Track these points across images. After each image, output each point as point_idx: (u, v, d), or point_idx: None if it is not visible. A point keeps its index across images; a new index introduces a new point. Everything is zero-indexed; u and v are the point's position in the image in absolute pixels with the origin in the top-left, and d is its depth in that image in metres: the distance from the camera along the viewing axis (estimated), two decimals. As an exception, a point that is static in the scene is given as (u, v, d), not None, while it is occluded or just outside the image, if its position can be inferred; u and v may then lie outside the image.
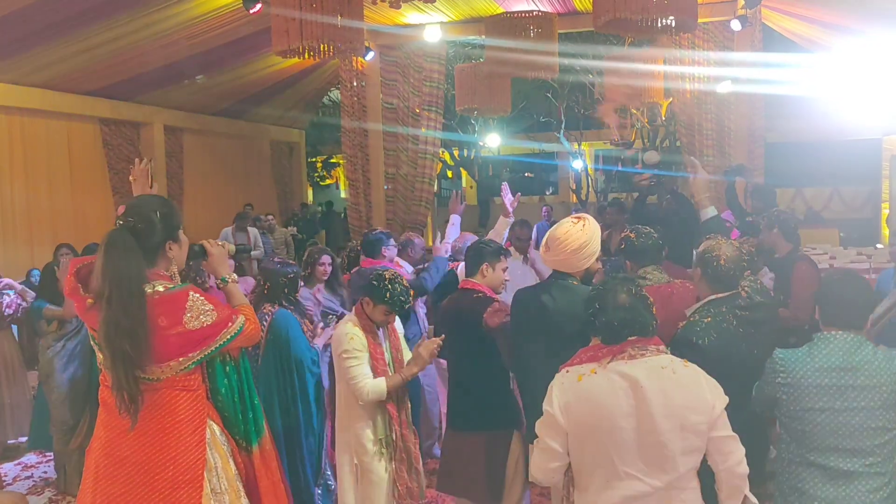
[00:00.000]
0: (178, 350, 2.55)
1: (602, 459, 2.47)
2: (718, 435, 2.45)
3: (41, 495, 5.51)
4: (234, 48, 9.69)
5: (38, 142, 9.54)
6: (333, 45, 5.88)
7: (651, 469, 2.42)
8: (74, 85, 9.59)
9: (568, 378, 2.55)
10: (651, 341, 2.53)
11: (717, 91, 8.77)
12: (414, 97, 9.80)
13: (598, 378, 2.48)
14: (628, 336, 2.52)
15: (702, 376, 2.49)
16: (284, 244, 11.69)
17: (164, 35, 8.61)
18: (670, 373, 2.45)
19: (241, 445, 2.81)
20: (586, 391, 2.49)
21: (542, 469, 2.63)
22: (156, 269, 2.63)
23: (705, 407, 2.42)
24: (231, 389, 2.79)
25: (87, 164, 10.41)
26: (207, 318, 2.59)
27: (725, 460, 2.46)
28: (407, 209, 9.93)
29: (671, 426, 2.40)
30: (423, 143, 9.79)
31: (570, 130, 18.01)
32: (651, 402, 2.41)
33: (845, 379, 2.69)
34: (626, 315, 2.52)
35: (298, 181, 16.65)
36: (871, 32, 7.93)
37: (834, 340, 2.75)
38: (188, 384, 2.64)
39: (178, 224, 2.72)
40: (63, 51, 8.40)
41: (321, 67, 11.94)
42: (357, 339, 3.66)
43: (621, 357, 2.49)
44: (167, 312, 2.53)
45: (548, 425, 2.57)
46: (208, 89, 11.43)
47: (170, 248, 2.68)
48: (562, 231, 3.37)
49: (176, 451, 2.56)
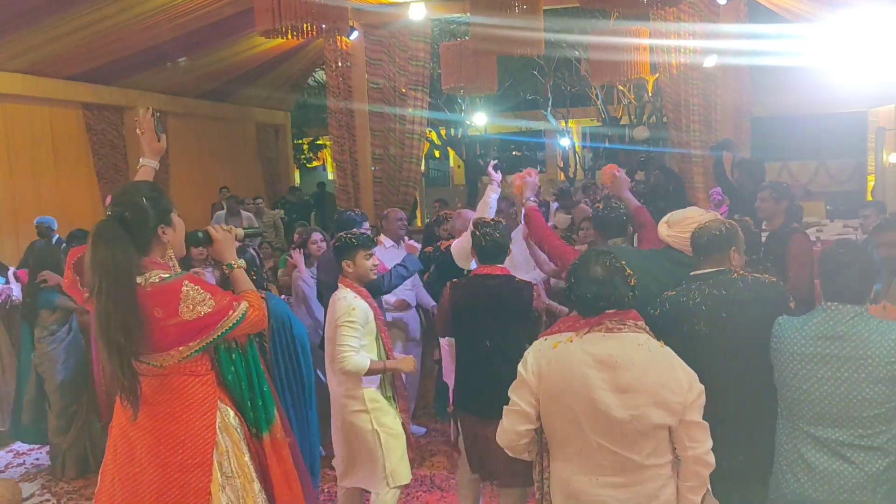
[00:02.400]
0: (177, 339, 2.52)
1: (573, 428, 2.51)
2: (690, 419, 2.46)
3: (34, 482, 5.52)
4: (216, 29, 9.59)
5: (21, 127, 9.43)
6: (317, 24, 5.84)
7: (625, 442, 2.45)
8: (56, 69, 9.47)
9: (544, 345, 2.60)
10: (629, 315, 2.55)
11: (703, 66, 8.76)
12: (400, 76, 9.75)
13: (572, 347, 2.52)
14: (604, 309, 2.54)
15: (675, 359, 2.51)
16: (273, 227, 11.66)
17: (146, 17, 8.50)
18: (646, 350, 2.47)
19: (252, 432, 2.80)
20: (559, 359, 2.52)
21: (509, 431, 2.66)
22: (151, 256, 2.58)
23: (679, 386, 2.44)
24: (238, 377, 2.77)
25: (71, 150, 10.31)
26: (205, 308, 2.53)
27: (694, 447, 2.48)
28: (395, 189, 9.90)
29: (644, 401, 2.42)
30: (410, 123, 9.75)
31: (557, 108, 17.97)
32: (624, 377, 2.44)
33: (830, 348, 2.70)
34: (599, 288, 2.53)
35: (285, 163, 16.56)
36: (856, 4, 7.92)
37: (829, 311, 2.76)
38: (196, 369, 2.62)
39: (168, 207, 2.66)
40: (44, 35, 8.28)
41: (305, 48, 11.84)
42: (358, 311, 3.72)
43: (598, 329, 2.52)
44: (162, 304, 2.49)
45: (520, 387, 2.62)
46: (192, 72, 11.32)
47: (163, 233, 2.62)
48: (695, 212, 3.52)
49: (185, 435, 2.56)
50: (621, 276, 2.56)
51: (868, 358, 2.65)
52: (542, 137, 22.31)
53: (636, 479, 2.48)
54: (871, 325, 2.70)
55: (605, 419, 2.44)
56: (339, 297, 3.82)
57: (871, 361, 2.65)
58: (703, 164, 8.89)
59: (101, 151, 10.76)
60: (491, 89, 9.15)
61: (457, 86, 8.90)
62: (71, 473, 5.49)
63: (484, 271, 3.81)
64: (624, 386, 2.43)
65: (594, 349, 2.48)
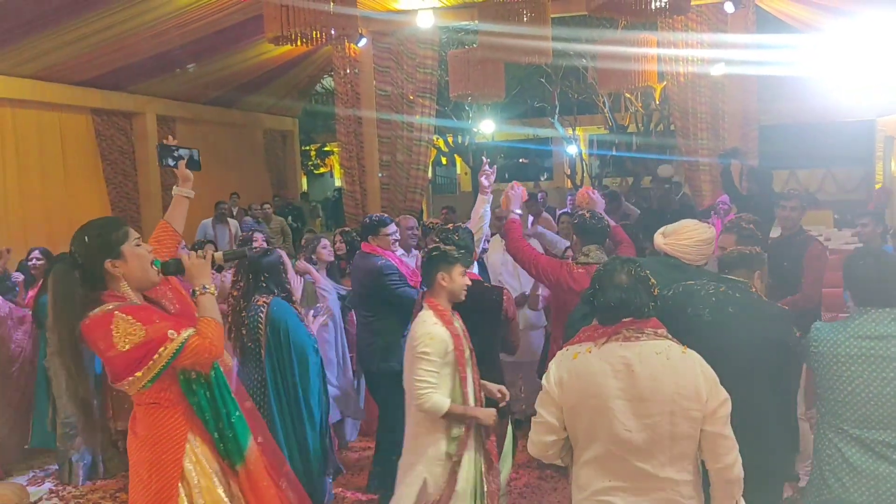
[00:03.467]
0: (124, 370, 2.54)
1: (591, 436, 2.52)
2: (712, 430, 2.44)
3: (41, 486, 5.53)
4: (225, 36, 9.63)
5: (31, 133, 9.48)
6: (326, 31, 5.86)
7: (639, 451, 2.45)
8: (66, 75, 9.53)
9: (565, 355, 2.62)
10: (648, 323, 2.55)
11: (710, 74, 8.76)
12: (408, 84, 9.77)
13: (591, 357, 2.52)
14: (623, 317, 2.54)
15: (698, 366, 2.49)
16: (280, 233, 11.67)
17: (155, 24, 8.54)
18: (664, 358, 2.46)
19: (228, 462, 2.74)
20: (579, 369, 2.54)
21: (537, 443, 2.68)
22: (109, 290, 2.62)
23: (697, 395, 2.43)
24: (200, 408, 2.70)
25: (80, 155, 10.36)
26: (135, 338, 2.50)
27: (717, 460, 2.47)
28: (402, 196, 9.91)
29: (659, 410, 2.42)
30: (418, 130, 9.76)
31: (564, 116, 17.98)
32: (641, 387, 2.44)
33: (877, 348, 2.70)
34: (622, 296, 2.54)
35: (292, 170, 16.59)
36: (863, 13, 7.92)
37: (869, 313, 2.78)
38: (159, 399, 2.64)
39: (118, 240, 2.65)
40: (54, 41, 8.33)
41: (313, 55, 11.88)
42: (436, 341, 3.34)
43: (616, 338, 2.52)
44: (99, 336, 2.52)
45: (544, 400, 2.64)
46: (200, 78, 11.37)
47: (113, 266, 2.62)
48: (691, 223, 3.62)
49: (153, 464, 2.60)
50: (645, 285, 2.57)
51: None
52: (550, 145, 22.33)
53: (647, 487, 2.47)
54: None
55: (620, 428, 2.45)
56: (419, 320, 3.46)
57: None
58: (711, 171, 8.88)
59: (111, 157, 10.81)
60: (498, 97, 9.17)
61: (464, 93, 8.92)
62: (77, 479, 5.50)
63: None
64: (639, 395, 2.43)
65: (611, 358, 2.49)
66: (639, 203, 10.15)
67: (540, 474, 5.28)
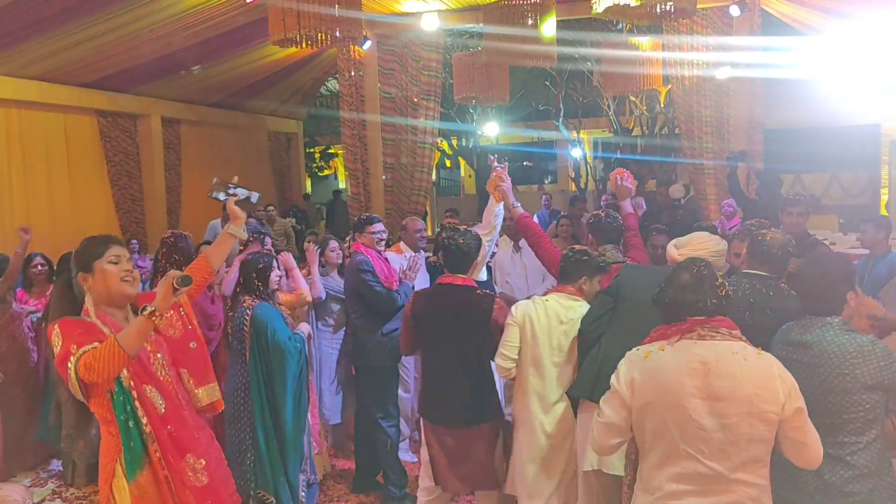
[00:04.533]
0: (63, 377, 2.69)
1: (663, 434, 2.47)
2: (793, 437, 2.41)
3: (44, 487, 5.53)
4: (230, 38, 9.64)
5: (36, 134, 9.50)
6: (330, 33, 5.86)
7: (712, 451, 2.39)
8: (71, 77, 9.55)
9: (636, 355, 2.58)
10: (722, 323, 2.52)
11: (715, 77, 8.75)
12: (412, 86, 9.77)
13: (664, 355, 2.49)
14: (689, 315, 2.53)
15: (775, 368, 2.44)
16: (284, 235, 11.68)
17: (160, 26, 8.56)
18: (741, 359, 2.42)
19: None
20: (651, 367, 2.50)
21: (602, 445, 2.65)
22: (85, 305, 2.78)
23: (775, 397, 2.38)
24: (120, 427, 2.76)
25: (86, 157, 10.38)
26: (56, 349, 2.65)
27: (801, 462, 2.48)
28: (406, 199, 9.91)
29: (737, 411, 2.37)
30: (422, 133, 9.76)
31: (568, 119, 17.97)
32: (717, 386, 2.39)
33: (796, 354, 2.77)
34: (686, 294, 2.54)
35: (297, 172, 16.61)
36: (870, 17, 7.90)
37: (803, 319, 2.84)
38: (102, 415, 2.74)
39: (90, 257, 2.80)
40: (59, 42, 8.35)
41: (318, 57, 11.90)
42: None
43: (690, 336, 2.49)
44: (52, 343, 2.68)
45: (612, 399, 2.60)
46: (205, 80, 11.39)
47: (84, 280, 2.79)
48: (704, 235, 3.62)
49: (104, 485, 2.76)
50: (710, 283, 2.55)
51: (823, 367, 2.70)
52: (554, 148, 22.31)
53: (717, 490, 2.40)
54: (834, 335, 2.73)
55: (694, 427, 2.40)
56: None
57: (824, 370, 2.69)
58: (715, 175, 8.87)
59: (115, 158, 10.83)
60: (503, 99, 9.17)
61: (469, 96, 8.92)
62: (80, 481, 5.49)
63: (447, 280, 3.78)
64: (716, 394, 2.39)
65: (686, 356, 2.45)
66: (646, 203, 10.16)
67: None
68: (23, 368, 5.74)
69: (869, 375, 2.64)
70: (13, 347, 5.65)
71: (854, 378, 2.65)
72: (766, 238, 3.25)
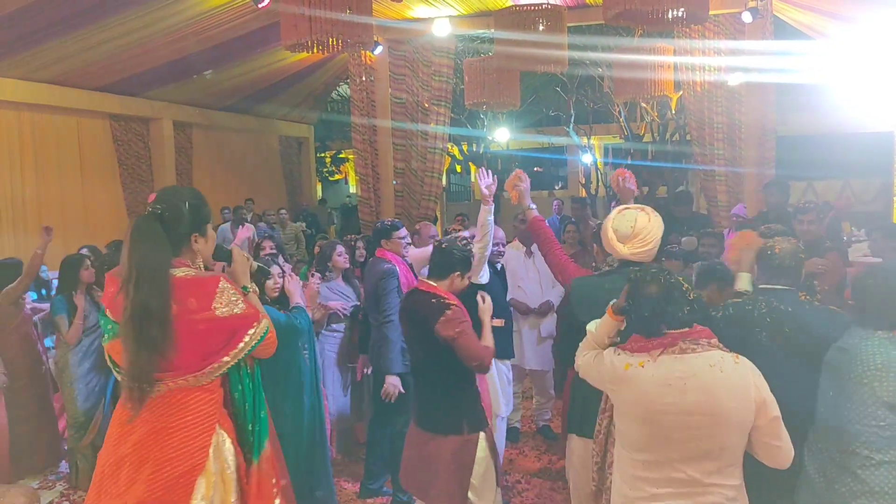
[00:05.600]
0: (203, 339, 2.51)
1: (641, 438, 2.51)
2: (767, 441, 2.46)
3: (52, 489, 5.54)
4: (242, 43, 9.68)
5: (49, 138, 9.57)
6: (342, 39, 5.87)
7: (686, 460, 2.44)
8: (84, 80, 9.61)
9: (616, 362, 2.59)
10: (702, 333, 2.52)
11: (727, 83, 8.71)
12: (423, 91, 9.78)
13: (644, 372, 2.49)
14: (660, 326, 2.51)
15: (751, 377, 2.47)
16: (295, 239, 11.71)
17: (173, 30, 8.61)
18: (718, 371, 2.44)
19: (246, 458, 2.70)
20: (631, 381, 2.51)
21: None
22: (181, 258, 2.62)
23: (749, 407, 2.42)
24: (243, 397, 2.69)
25: (98, 160, 10.45)
26: (236, 308, 2.55)
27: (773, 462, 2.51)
28: (416, 204, 9.91)
29: (711, 423, 2.41)
30: (432, 138, 9.76)
31: (579, 124, 17.93)
32: (693, 401, 2.42)
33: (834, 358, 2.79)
34: (656, 306, 2.51)
35: (307, 176, 16.67)
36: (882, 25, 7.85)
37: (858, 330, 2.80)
38: (207, 384, 2.59)
39: (206, 218, 2.72)
40: (73, 46, 8.41)
41: (330, 62, 11.93)
42: None
43: (672, 351, 2.48)
44: (197, 295, 2.51)
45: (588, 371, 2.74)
46: (217, 84, 11.45)
47: (195, 241, 2.66)
48: (640, 224, 3.29)
49: (175, 452, 2.49)
50: (680, 292, 2.54)
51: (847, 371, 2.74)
52: (564, 154, 22.26)
53: (694, 492, 2.46)
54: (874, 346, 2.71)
55: (668, 439, 2.44)
56: None
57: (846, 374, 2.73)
58: (727, 181, 8.83)
59: (127, 162, 10.90)
60: (514, 105, 9.15)
61: (480, 101, 8.92)
62: (85, 483, 5.49)
63: (420, 284, 3.70)
64: (692, 409, 2.42)
65: (666, 373, 2.46)
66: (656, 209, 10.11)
67: (552, 485, 5.25)
68: (34, 370, 5.76)
69: (887, 392, 2.61)
70: (25, 348, 5.67)
71: (871, 390, 2.62)
72: (774, 250, 3.15)
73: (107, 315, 2.61)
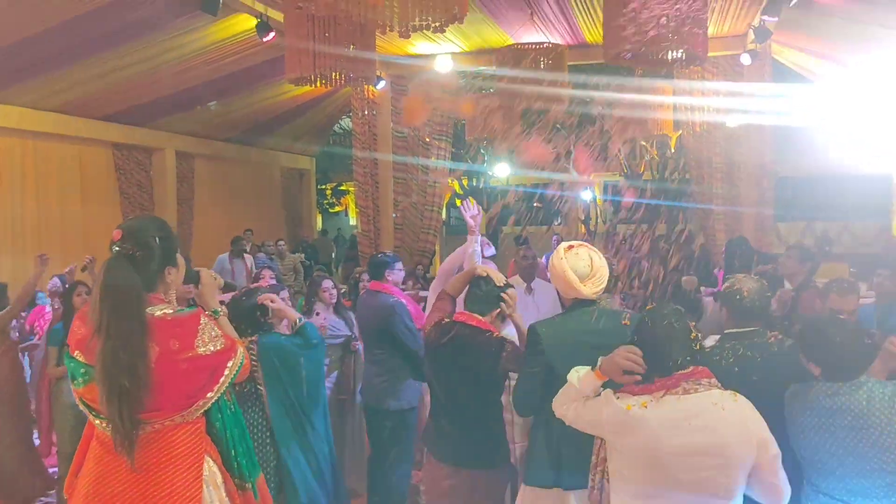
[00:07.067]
0: (185, 379, 2.45)
1: (648, 484, 2.47)
2: (767, 480, 2.44)
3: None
4: (246, 76, 9.78)
5: (51, 166, 9.61)
6: (345, 73, 5.94)
7: (691, 497, 2.42)
8: (89, 110, 9.68)
9: (616, 405, 2.53)
10: (703, 374, 2.50)
11: (726, 124, 8.79)
12: (424, 126, 9.86)
13: (647, 413, 2.45)
14: (671, 368, 2.48)
15: (749, 412, 2.46)
16: (293, 270, 11.69)
17: (179, 62, 8.71)
18: (720, 409, 2.42)
19: (237, 484, 2.65)
20: (636, 423, 2.46)
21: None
22: (155, 294, 2.54)
23: (751, 444, 2.41)
24: (224, 426, 2.64)
25: (99, 189, 10.48)
26: (218, 344, 2.51)
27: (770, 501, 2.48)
28: (415, 237, 9.95)
29: (714, 464, 2.39)
30: (433, 172, 9.83)
31: (579, 161, 18.04)
32: (697, 441, 2.39)
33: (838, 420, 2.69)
34: (668, 351, 2.49)
35: (308, 208, 16.72)
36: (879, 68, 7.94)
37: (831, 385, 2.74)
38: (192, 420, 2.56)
39: (176, 247, 2.64)
40: (79, 76, 8.50)
41: (333, 95, 12.04)
42: None
43: (675, 392, 2.46)
44: (179, 335, 2.45)
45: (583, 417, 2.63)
46: (221, 116, 11.53)
47: (168, 273, 2.58)
48: (596, 262, 3.22)
49: (172, 487, 2.44)
50: (686, 336, 2.52)
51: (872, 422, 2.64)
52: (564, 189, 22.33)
53: None
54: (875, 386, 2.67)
55: (680, 482, 2.41)
56: None
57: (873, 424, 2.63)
58: (725, 220, 8.88)
59: (129, 191, 10.93)
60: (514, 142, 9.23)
61: (480, 137, 8.99)
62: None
63: (462, 318, 3.64)
64: (696, 450, 2.39)
65: (670, 413, 2.43)
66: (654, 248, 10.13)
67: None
68: (19, 399, 5.71)
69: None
70: (11, 376, 5.63)
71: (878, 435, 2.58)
72: (742, 293, 3.06)
73: (76, 358, 2.48)
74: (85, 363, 2.45)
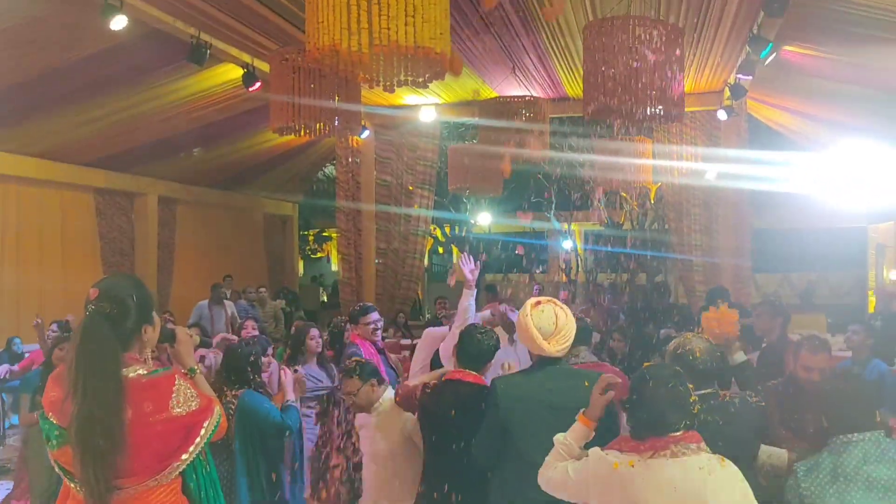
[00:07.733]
0: (159, 441, 2.42)
1: None
2: None
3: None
4: (231, 123, 9.85)
5: (32, 211, 9.56)
6: (330, 124, 6.01)
7: None
8: (71, 156, 9.69)
9: (603, 460, 2.52)
10: (693, 438, 2.49)
11: (705, 176, 8.96)
12: (407, 175, 9.97)
13: (634, 472, 2.44)
14: (666, 431, 2.46)
15: (737, 479, 2.45)
16: (274, 317, 11.64)
17: (163, 109, 8.76)
18: (706, 474, 2.41)
19: None
20: (623, 481, 2.45)
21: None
22: (130, 353, 2.51)
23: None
24: (198, 486, 2.61)
25: (79, 234, 10.42)
26: (193, 404, 2.47)
27: None
28: (397, 284, 9.96)
29: None
30: (415, 220, 9.90)
31: (560, 211, 18.21)
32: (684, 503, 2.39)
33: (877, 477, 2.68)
34: (667, 413, 2.47)
35: (290, 254, 16.69)
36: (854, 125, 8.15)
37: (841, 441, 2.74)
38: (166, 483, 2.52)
39: (152, 305, 2.62)
40: (63, 122, 8.52)
41: (317, 143, 12.13)
42: None
43: (663, 454, 2.44)
44: (153, 398, 2.42)
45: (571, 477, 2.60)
46: (204, 162, 11.56)
47: (145, 332, 2.55)
48: (561, 320, 3.22)
49: None
50: (686, 400, 2.51)
51: None
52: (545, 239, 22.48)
53: None
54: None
55: None
56: None
57: None
58: (704, 272, 8.97)
59: (109, 235, 10.87)
60: (496, 192, 9.33)
61: (463, 186, 9.09)
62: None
63: (457, 376, 3.65)
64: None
65: (657, 476, 2.42)
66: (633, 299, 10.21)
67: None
68: None
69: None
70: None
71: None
72: (693, 353, 3.00)
73: (50, 420, 2.46)
74: (58, 426, 2.43)
